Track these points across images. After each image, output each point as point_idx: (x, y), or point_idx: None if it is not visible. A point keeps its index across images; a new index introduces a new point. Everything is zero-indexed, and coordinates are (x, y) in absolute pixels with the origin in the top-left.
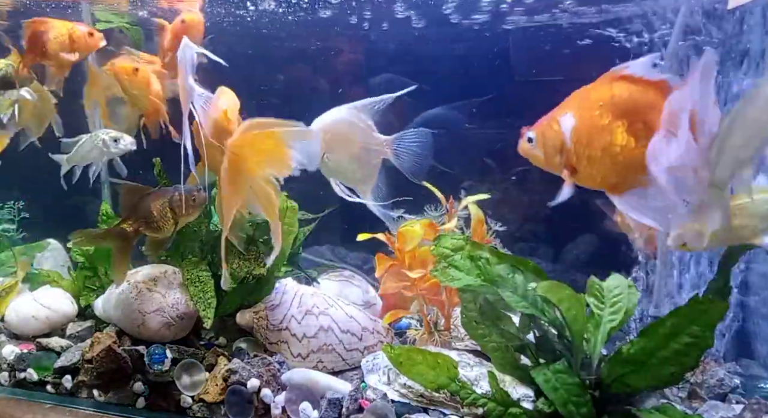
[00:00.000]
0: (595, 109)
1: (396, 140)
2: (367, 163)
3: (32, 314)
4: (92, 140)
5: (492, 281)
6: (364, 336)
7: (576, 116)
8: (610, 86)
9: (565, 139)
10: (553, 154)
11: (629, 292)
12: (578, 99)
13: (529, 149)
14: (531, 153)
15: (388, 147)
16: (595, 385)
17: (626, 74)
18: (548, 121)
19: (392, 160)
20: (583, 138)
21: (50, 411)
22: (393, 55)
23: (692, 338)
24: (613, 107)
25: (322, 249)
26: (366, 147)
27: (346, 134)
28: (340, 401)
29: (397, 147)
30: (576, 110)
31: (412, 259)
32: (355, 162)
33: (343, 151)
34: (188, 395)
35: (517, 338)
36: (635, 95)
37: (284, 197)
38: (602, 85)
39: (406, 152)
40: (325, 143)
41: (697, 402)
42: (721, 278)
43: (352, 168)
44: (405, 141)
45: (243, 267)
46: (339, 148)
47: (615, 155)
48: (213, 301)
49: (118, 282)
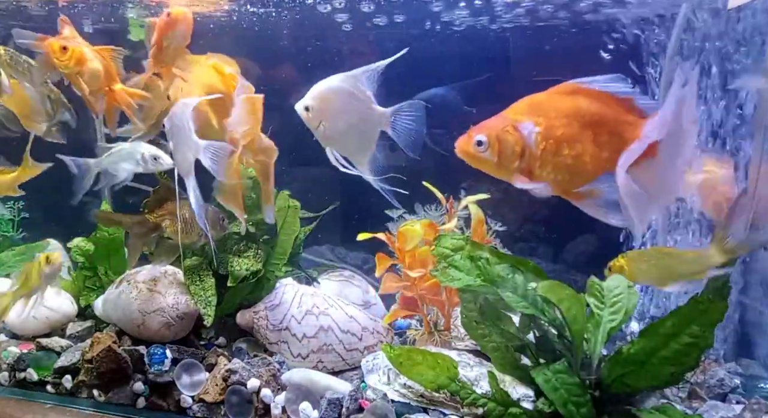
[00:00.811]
0: (562, 118)
1: (394, 113)
2: (365, 134)
3: (32, 314)
4: (131, 151)
5: (492, 281)
6: (364, 336)
7: (540, 124)
8: (574, 98)
9: (528, 146)
10: (512, 159)
11: (629, 292)
12: (534, 107)
13: (476, 153)
14: (479, 157)
15: (386, 119)
16: (595, 385)
17: (588, 87)
18: (503, 127)
19: (390, 134)
20: (551, 146)
21: (50, 411)
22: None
23: (692, 338)
24: (581, 118)
25: (322, 249)
26: (364, 118)
27: (343, 104)
28: (340, 401)
29: (394, 120)
30: (538, 118)
31: (412, 259)
32: (353, 132)
33: (339, 121)
34: (188, 395)
35: (517, 338)
36: (601, 108)
37: (286, 196)
38: (563, 96)
39: (402, 126)
40: (321, 112)
41: (697, 402)
42: (719, 277)
43: (349, 138)
44: (402, 114)
45: (242, 264)
46: (335, 118)
47: (583, 164)
48: (213, 299)
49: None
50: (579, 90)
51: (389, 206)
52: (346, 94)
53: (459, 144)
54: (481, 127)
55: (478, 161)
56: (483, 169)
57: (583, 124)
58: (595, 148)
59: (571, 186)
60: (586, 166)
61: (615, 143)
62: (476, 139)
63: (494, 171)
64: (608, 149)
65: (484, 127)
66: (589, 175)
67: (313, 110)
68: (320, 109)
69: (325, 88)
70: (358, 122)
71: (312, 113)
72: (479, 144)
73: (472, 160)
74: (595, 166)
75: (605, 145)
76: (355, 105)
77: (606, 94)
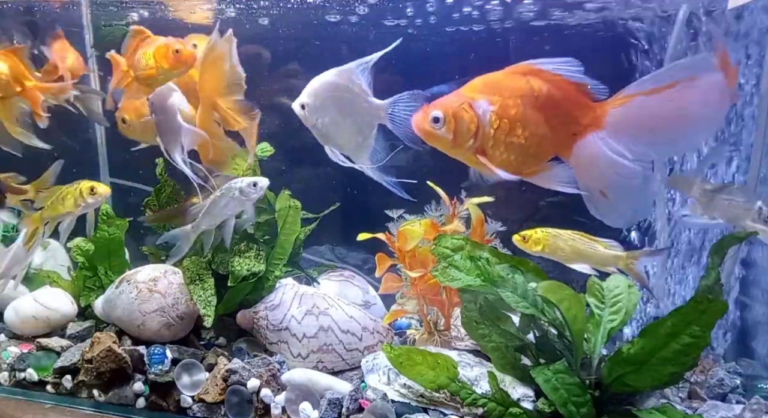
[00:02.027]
0: (516, 98)
1: (391, 105)
2: (362, 128)
3: (32, 314)
4: (228, 194)
5: (492, 281)
6: (364, 336)
7: (494, 103)
8: (526, 79)
9: (482, 124)
10: (466, 138)
11: (629, 292)
12: (490, 86)
13: (432, 130)
14: (434, 134)
15: (383, 112)
16: (595, 385)
17: (542, 69)
18: (459, 104)
19: (388, 126)
20: (505, 125)
21: (50, 411)
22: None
23: (692, 338)
24: (535, 99)
25: (322, 249)
26: (361, 112)
27: (339, 99)
28: (340, 401)
29: (392, 112)
30: (492, 97)
31: (412, 259)
32: (350, 127)
33: (336, 117)
34: (188, 395)
35: (517, 338)
36: (555, 91)
37: (287, 196)
38: (515, 76)
39: (401, 118)
40: (317, 109)
41: (697, 402)
42: (711, 275)
43: (346, 134)
44: (400, 105)
45: (243, 265)
46: (331, 114)
47: (535, 144)
48: (213, 299)
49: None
50: (533, 71)
51: (389, 206)
52: (342, 89)
53: (415, 120)
54: (437, 103)
55: (433, 138)
56: (438, 147)
57: (536, 106)
58: (548, 131)
59: (522, 168)
60: (538, 148)
61: (567, 126)
62: (432, 116)
63: (449, 149)
64: (560, 132)
65: (441, 104)
66: (540, 157)
67: (309, 108)
68: (316, 106)
69: (320, 84)
70: (355, 117)
71: (308, 111)
72: (435, 121)
73: (428, 137)
74: (546, 148)
75: (558, 128)
76: (352, 99)
77: (560, 78)
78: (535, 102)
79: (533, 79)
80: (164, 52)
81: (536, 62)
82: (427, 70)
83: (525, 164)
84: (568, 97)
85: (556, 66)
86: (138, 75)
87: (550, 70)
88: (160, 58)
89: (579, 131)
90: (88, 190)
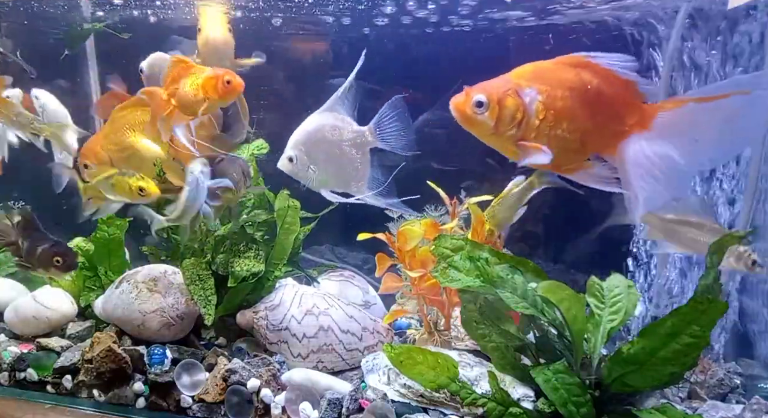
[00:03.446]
0: (565, 90)
1: (376, 125)
2: (357, 160)
3: (32, 314)
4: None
5: (492, 281)
6: (364, 336)
7: (542, 92)
8: (576, 71)
9: (528, 114)
10: (509, 126)
11: (629, 292)
12: (538, 75)
13: (473, 115)
14: (474, 119)
15: (372, 135)
16: (595, 385)
17: (594, 62)
18: (505, 90)
19: (381, 146)
20: (551, 117)
21: (50, 411)
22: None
23: (692, 338)
24: (583, 93)
25: (322, 249)
26: (352, 144)
27: (326, 139)
28: (340, 401)
29: (380, 131)
30: (540, 86)
31: (412, 259)
32: (344, 164)
33: (327, 159)
34: (188, 395)
35: (517, 338)
36: (604, 87)
37: (286, 196)
38: (566, 67)
39: (390, 132)
40: (308, 157)
41: (697, 402)
42: (710, 274)
43: (342, 171)
44: (384, 122)
45: (243, 265)
46: (323, 156)
47: (579, 139)
48: (213, 298)
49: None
50: (585, 63)
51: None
52: (329, 129)
53: (455, 103)
54: (481, 87)
55: (472, 124)
56: (475, 132)
57: (585, 100)
58: (593, 126)
59: (562, 163)
60: (581, 144)
61: (613, 124)
62: (475, 100)
63: (486, 136)
64: (606, 129)
65: (485, 87)
66: (582, 153)
67: (298, 159)
68: (305, 155)
69: (303, 132)
70: (348, 151)
71: (298, 163)
72: (478, 105)
73: (467, 122)
74: (590, 145)
75: (603, 125)
76: (340, 136)
77: (611, 73)
78: (584, 96)
79: (583, 71)
80: (214, 84)
81: (589, 55)
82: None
83: (566, 160)
84: (618, 94)
85: (610, 60)
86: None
87: (603, 64)
88: (210, 90)
89: (624, 131)
90: (139, 189)
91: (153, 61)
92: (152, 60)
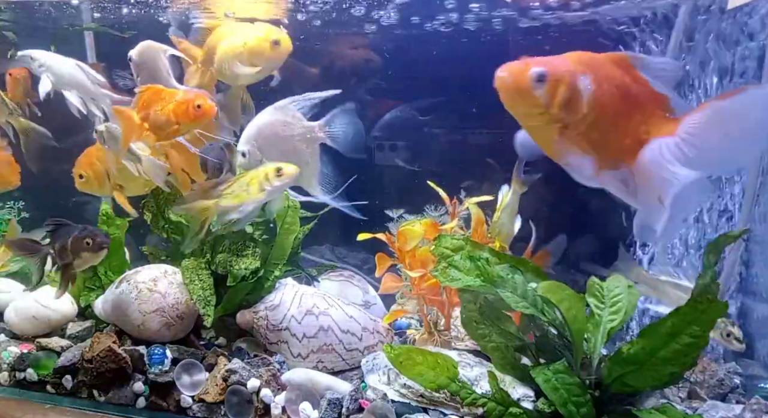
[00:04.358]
0: (612, 87)
1: (327, 122)
2: (306, 154)
3: (32, 314)
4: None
5: (492, 281)
6: (364, 336)
7: (595, 84)
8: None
9: (581, 102)
10: (560, 109)
11: (629, 292)
12: (591, 66)
13: (529, 87)
14: (528, 92)
15: (321, 131)
16: (595, 385)
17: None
18: (567, 71)
19: (329, 143)
20: (598, 108)
21: (50, 411)
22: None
23: (692, 338)
24: (624, 94)
25: (322, 249)
26: (300, 139)
27: (276, 134)
28: (340, 401)
29: (329, 128)
30: (593, 77)
31: (412, 259)
32: (294, 158)
33: (279, 152)
34: (188, 395)
35: (517, 338)
36: (641, 94)
37: (285, 196)
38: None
39: (339, 131)
40: (260, 151)
41: (697, 402)
42: (707, 274)
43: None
44: (336, 121)
45: (241, 264)
46: (275, 151)
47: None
48: (212, 299)
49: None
50: (629, 66)
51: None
52: (279, 124)
53: (510, 72)
54: (543, 60)
55: (523, 97)
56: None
57: (623, 101)
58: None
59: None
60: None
61: (638, 132)
62: (536, 72)
63: (532, 117)
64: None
65: (548, 62)
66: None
67: (250, 153)
68: (257, 149)
69: (254, 128)
70: (298, 146)
71: (250, 157)
72: (539, 79)
73: (518, 94)
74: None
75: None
76: (290, 131)
77: (647, 82)
78: (624, 97)
79: (627, 75)
80: (185, 109)
81: (636, 56)
82: None
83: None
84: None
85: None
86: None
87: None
88: (181, 115)
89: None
90: (274, 171)
91: (142, 50)
92: (142, 48)
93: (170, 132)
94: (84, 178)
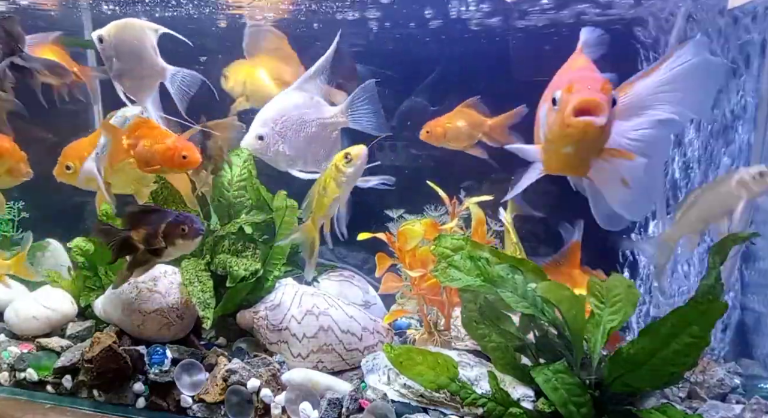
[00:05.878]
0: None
1: (349, 106)
2: (328, 139)
3: (32, 314)
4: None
5: (492, 281)
6: (364, 336)
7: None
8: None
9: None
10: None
11: (629, 292)
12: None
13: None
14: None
15: (343, 115)
16: (595, 385)
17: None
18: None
19: (352, 126)
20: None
21: (50, 411)
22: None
23: (692, 338)
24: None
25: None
26: (323, 124)
27: (297, 117)
28: (340, 401)
29: (351, 112)
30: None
31: (412, 259)
32: (314, 142)
33: (299, 137)
34: (188, 395)
35: (517, 338)
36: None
37: (283, 196)
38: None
39: (362, 113)
40: (278, 135)
41: (697, 402)
42: (711, 275)
43: (312, 150)
44: (357, 103)
45: (240, 264)
46: (294, 135)
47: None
48: (212, 301)
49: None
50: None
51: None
52: (299, 107)
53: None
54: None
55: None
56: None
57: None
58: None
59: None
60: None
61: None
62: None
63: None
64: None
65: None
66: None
67: (268, 137)
68: (275, 133)
69: (274, 110)
70: (319, 131)
71: (268, 141)
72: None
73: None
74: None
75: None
76: (310, 115)
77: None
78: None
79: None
80: (171, 156)
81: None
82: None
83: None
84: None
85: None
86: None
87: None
88: (165, 161)
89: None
90: (342, 159)
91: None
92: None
93: (150, 169)
94: (71, 170)
